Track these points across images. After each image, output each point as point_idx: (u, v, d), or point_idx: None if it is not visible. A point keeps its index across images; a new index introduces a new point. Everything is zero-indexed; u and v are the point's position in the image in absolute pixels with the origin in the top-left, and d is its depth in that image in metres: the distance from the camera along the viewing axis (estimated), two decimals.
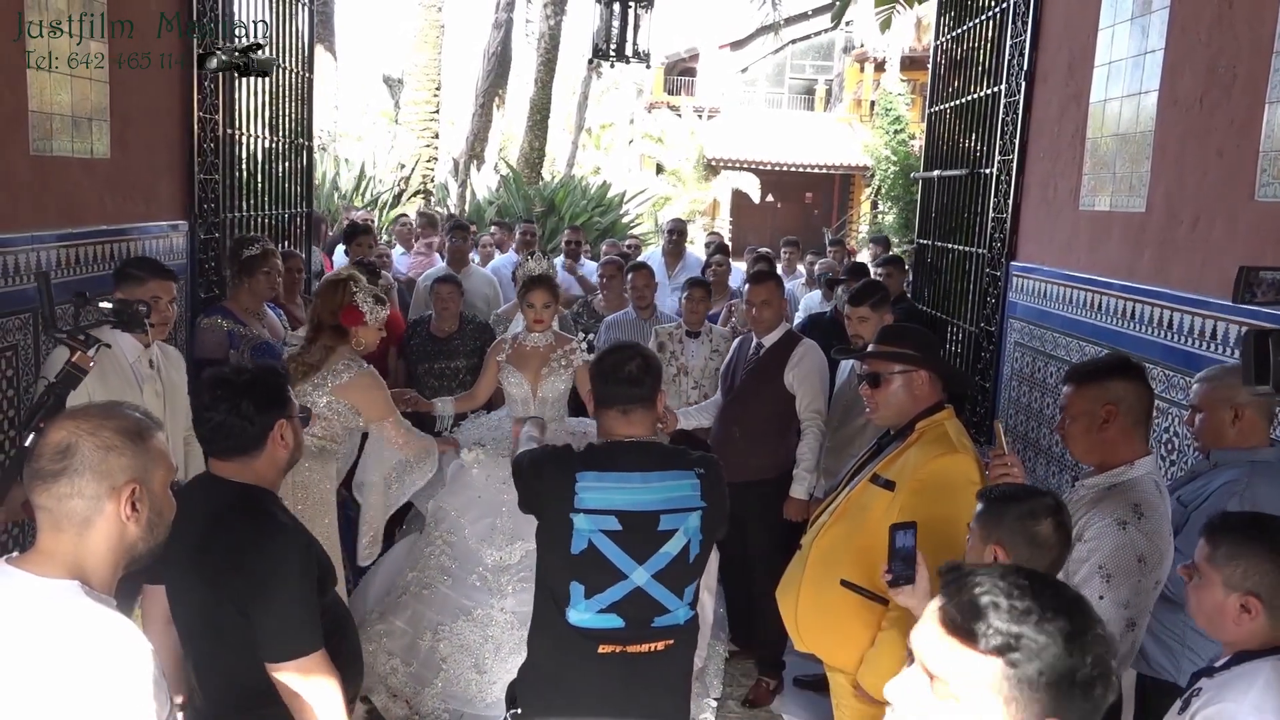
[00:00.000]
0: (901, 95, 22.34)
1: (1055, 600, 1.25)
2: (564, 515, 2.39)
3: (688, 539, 2.46)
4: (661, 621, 2.45)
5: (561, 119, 23.44)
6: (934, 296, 6.27)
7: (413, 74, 15.32)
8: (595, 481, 2.42)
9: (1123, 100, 4.04)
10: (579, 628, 2.41)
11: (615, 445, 2.54)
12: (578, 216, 13.04)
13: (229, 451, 2.21)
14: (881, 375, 2.90)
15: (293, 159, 6.33)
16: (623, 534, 2.40)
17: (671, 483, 2.47)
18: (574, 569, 2.40)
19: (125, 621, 1.56)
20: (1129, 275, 3.91)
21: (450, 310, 5.52)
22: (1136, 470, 2.49)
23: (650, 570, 2.41)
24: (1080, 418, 2.56)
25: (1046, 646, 1.21)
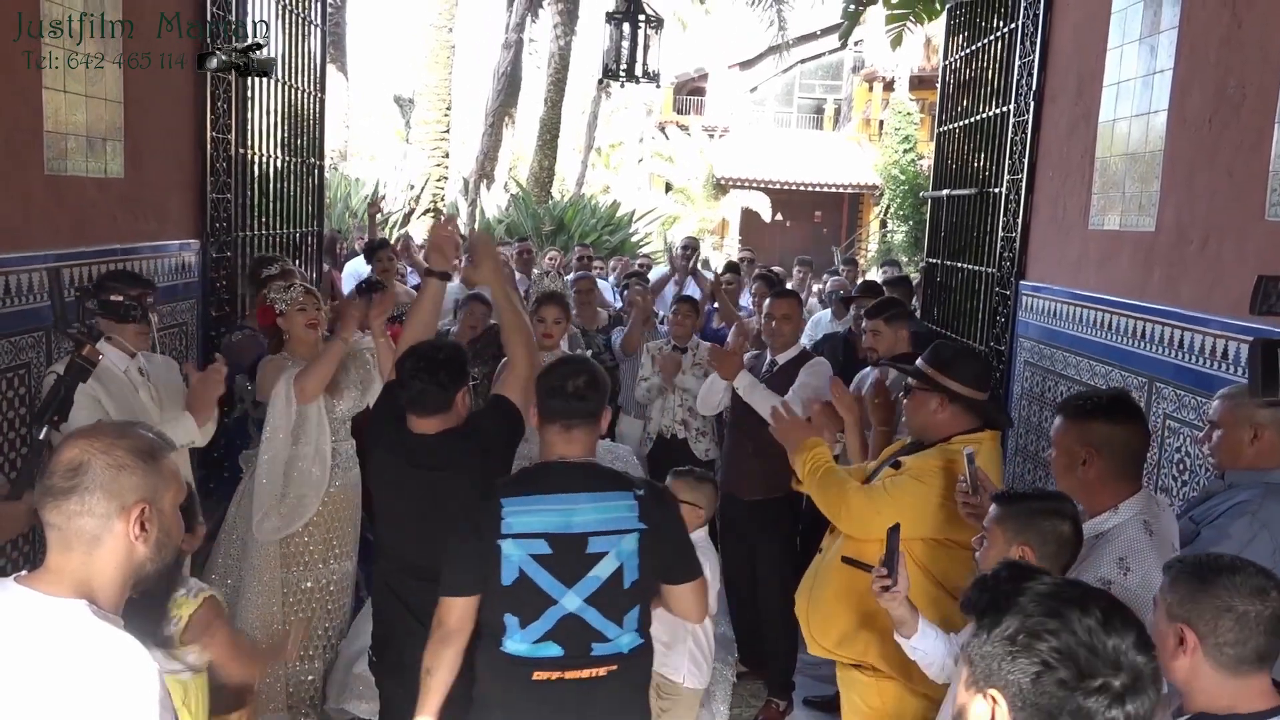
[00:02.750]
0: (910, 115, 22.41)
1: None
2: (492, 544, 2.33)
3: (620, 562, 2.38)
4: (602, 649, 2.38)
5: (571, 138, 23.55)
6: (944, 315, 6.26)
7: (423, 94, 15.45)
8: (521, 505, 2.36)
9: (1132, 120, 4.05)
10: (513, 655, 2.36)
11: (545, 467, 2.48)
12: (587, 235, 13.08)
13: (431, 410, 2.82)
14: (911, 388, 2.98)
15: (304, 178, 6.37)
16: (551, 557, 2.34)
17: (604, 504, 2.39)
18: (507, 602, 2.35)
19: (133, 641, 1.56)
20: (1139, 294, 3.90)
21: (478, 328, 5.54)
22: (1121, 514, 2.39)
23: (581, 595, 2.35)
24: (1062, 455, 2.50)
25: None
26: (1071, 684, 1.22)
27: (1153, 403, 3.70)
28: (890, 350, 4.24)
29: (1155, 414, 3.67)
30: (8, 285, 3.49)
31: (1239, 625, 1.74)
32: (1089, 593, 1.31)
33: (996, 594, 1.31)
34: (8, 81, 3.48)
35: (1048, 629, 1.24)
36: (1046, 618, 1.25)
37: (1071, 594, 1.29)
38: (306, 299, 3.95)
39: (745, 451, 4.43)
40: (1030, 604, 1.27)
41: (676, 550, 2.53)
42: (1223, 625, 1.74)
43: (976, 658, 1.30)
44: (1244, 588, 1.75)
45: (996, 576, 1.36)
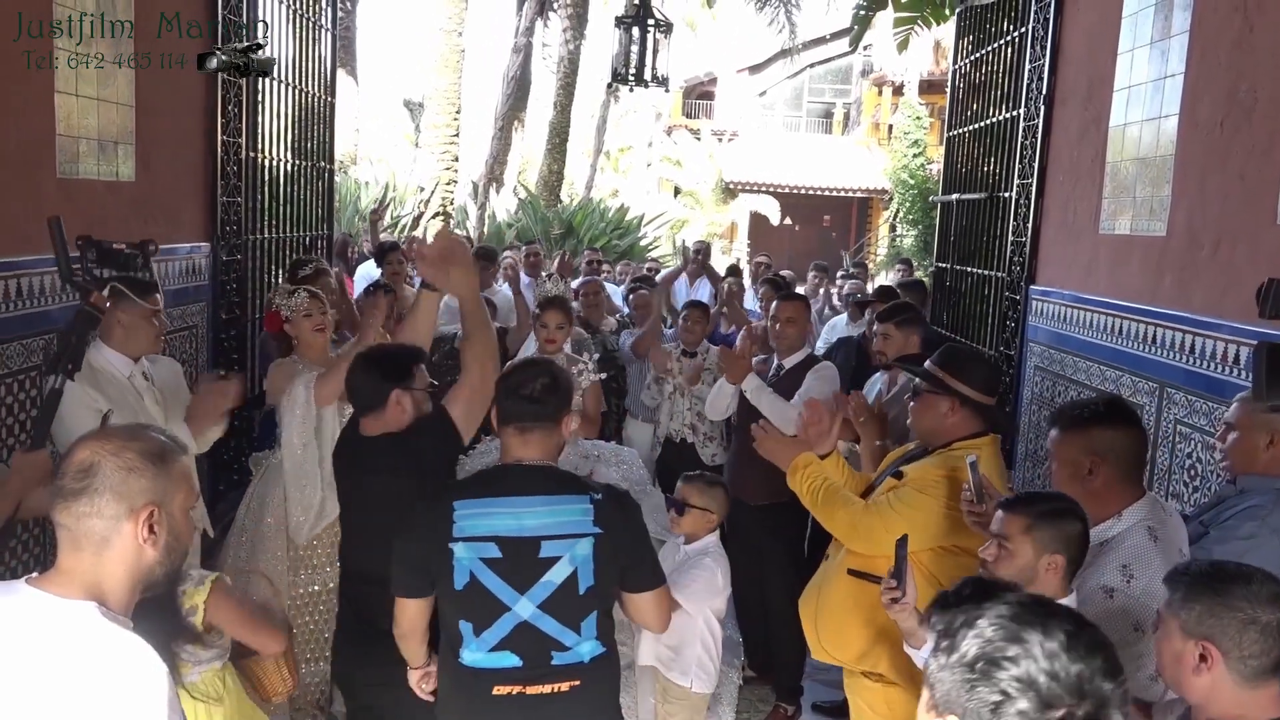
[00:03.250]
0: (919, 119, 22.38)
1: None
2: (443, 547, 2.30)
3: (574, 567, 2.31)
4: (562, 659, 2.33)
5: (580, 142, 23.59)
6: (953, 320, 6.25)
7: (433, 98, 15.48)
8: (473, 509, 2.32)
9: (1142, 124, 4.03)
10: (472, 668, 2.32)
11: (501, 470, 2.45)
12: (596, 239, 13.10)
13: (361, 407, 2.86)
14: (920, 390, 2.96)
15: (314, 181, 6.39)
16: (502, 561, 2.29)
17: (558, 507, 2.34)
18: (460, 606, 2.32)
19: (141, 643, 1.57)
20: (1150, 299, 3.89)
21: None
22: (1125, 520, 2.38)
23: (534, 601, 2.29)
24: (1065, 466, 2.47)
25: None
26: (1033, 715, 1.16)
27: (1163, 408, 3.68)
28: (900, 355, 4.23)
29: (1166, 419, 3.65)
30: (19, 288, 3.51)
31: (1264, 636, 1.71)
32: (1053, 613, 1.25)
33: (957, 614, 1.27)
34: (21, 86, 3.50)
35: (1007, 656, 1.19)
36: (1006, 643, 1.20)
37: (1033, 616, 1.23)
38: (312, 304, 3.96)
39: (752, 456, 4.41)
40: (990, 628, 1.22)
41: (635, 557, 2.43)
42: (1248, 638, 1.71)
43: (936, 681, 1.25)
44: (1262, 596, 1.73)
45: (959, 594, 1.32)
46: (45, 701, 1.48)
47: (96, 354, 3.34)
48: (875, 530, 2.79)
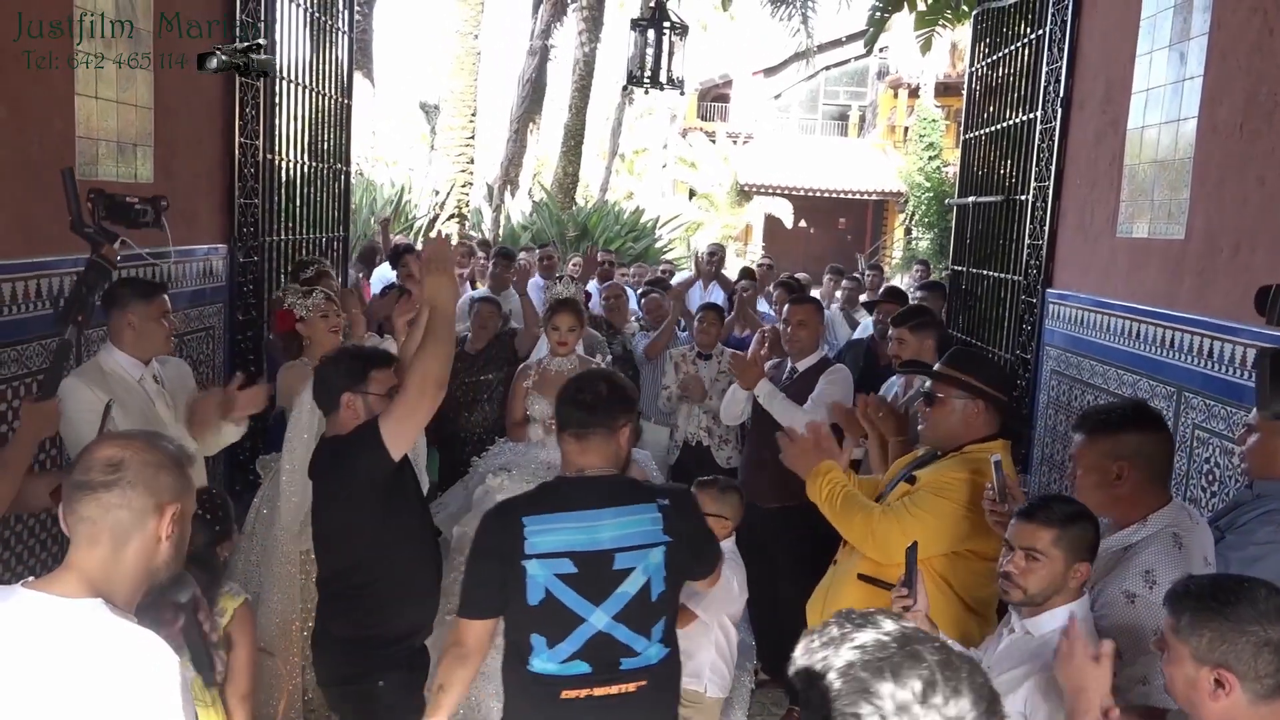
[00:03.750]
0: (936, 121, 22.32)
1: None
2: (516, 564, 2.28)
3: (648, 577, 2.34)
4: (630, 664, 2.35)
5: (595, 144, 23.62)
6: (969, 323, 6.22)
7: (449, 100, 15.51)
8: (544, 524, 2.30)
9: (1160, 127, 4.01)
10: (541, 674, 2.32)
11: (564, 483, 2.43)
12: (611, 241, 13.10)
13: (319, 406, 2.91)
14: (936, 396, 2.92)
15: (330, 183, 6.42)
16: (577, 576, 2.29)
17: (628, 518, 2.35)
18: (533, 621, 2.31)
19: (152, 635, 1.58)
20: (1168, 303, 3.86)
21: (487, 330, 5.58)
22: (1151, 526, 2.34)
23: (609, 612, 2.31)
24: (1091, 472, 2.43)
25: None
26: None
27: (1181, 412, 3.66)
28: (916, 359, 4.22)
29: (1184, 424, 3.63)
30: (39, 288, 3.54)
31: (1278, 655, 1.70)
32: (909, 655, 1.12)
33: (813, 657, 1.16)
34: (42, 89, 3.53)
35: (876, 678, 1.09)
36: (881, 661, 1.10)
37: (885, 662, 1.11)
38: (328, 305, 3.98)
39: (764, 459, 4.42)
40: (839, 681, 1.12)
41: (701, 554, 2.55)
42: (1262, 660, 1.70)
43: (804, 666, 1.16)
44: (1270, 613, 1.71)
45: (823, 632, 1.18)
46: (63, 703, 1.48)
47: (107, 357, 3.33)
48: (890, 535, 2.77)
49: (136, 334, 3.35)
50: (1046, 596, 2.22)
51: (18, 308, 3.45)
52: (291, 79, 5.64)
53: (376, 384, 2.82)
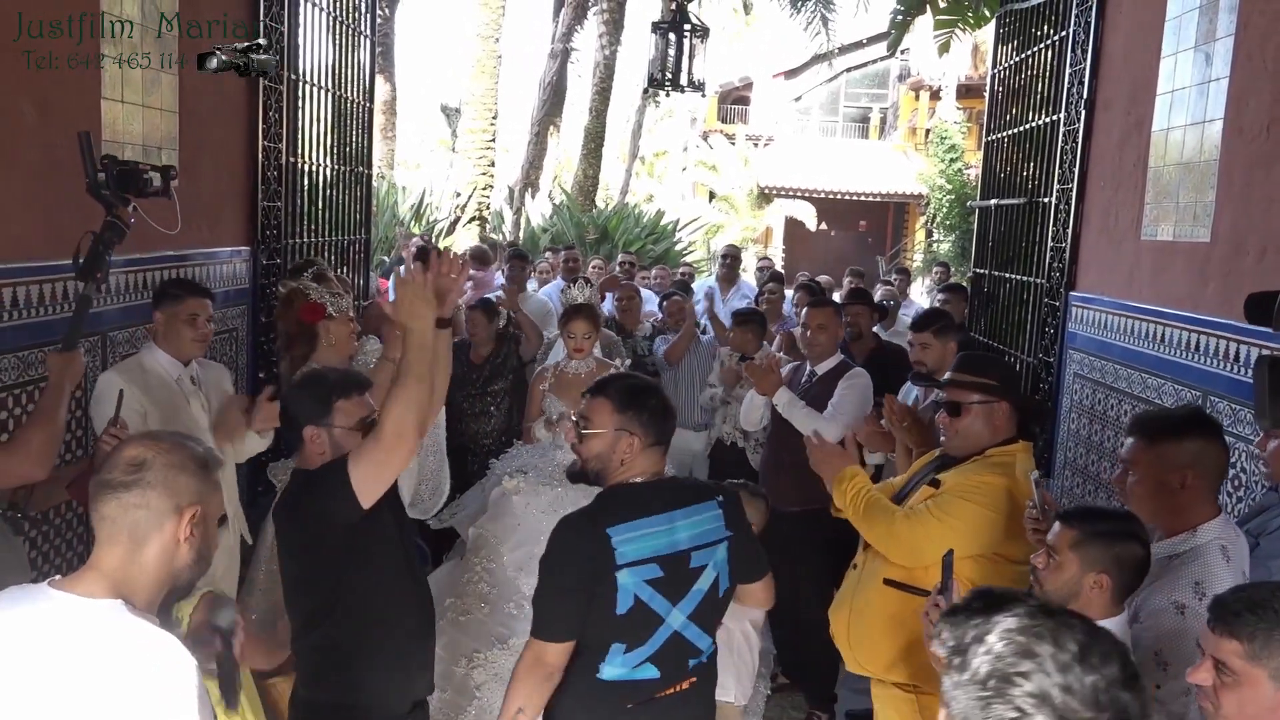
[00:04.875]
0: (957, 123, 22.20)
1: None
2: (609, 576, 2.25)
3: (717, 572, 2.38)
4: (693, 663, 2.39)
5: (616, 147, 23.65)
6: (990, 326, 6.19)
7: (470, 103, 15.56)
8: (630, 532, 2.28)
9: (1186, 129, 3.97)
10: (611, 682, 2.30)
11: (632, 489, 2.37)
12: (631, 244, 13.09)
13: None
14: (961, 405, 2.88)
15: (352, 186, 6.45)
16: (663, 579, 2.29)
17: (697, 517, 2.37)
18: (618, 629, 2.28)
19: (169, 637, 1.59)
20: (1193, 306, 3.83)
21: (479, 336, 5.55)
22: (1200, 536, 2.29)
23: (684, 611, 2.33)
24: (1149, 478, 2.35)
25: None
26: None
27: None
28: (939, 364, 4.19)
29: None
30: (65, 291, 3.57)
31: None
32: (1064, 624, 1.19)
33: (966, 628, 1.22)
34: (69, 92, 3.56)
35: (1019, 671, 1.14)
36: (1018, 658, 1.15)
37: (1044, 628, 1.18)
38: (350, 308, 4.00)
39: (784, 462, 4.41)
40: (1000, 643, 1.18)
41: (755, 551, 2.56)
42: None
43: (951, 699, 1.20)
44: None
45: (968, 607, 1.25)
46: (79, 702, 1.49)
47: (148, 354, 3.46)
48: (915, 539, 2.76)
49: (165, 333, 3.44)
50: (1062, 600, 2.16)
51: (44, 310, 3.49)
52: (314, 82, 5.67)
53: (342, 415, 2.55)
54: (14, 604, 1.58)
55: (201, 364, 3.65)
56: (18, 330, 3.36)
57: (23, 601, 1.58)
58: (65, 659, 1.51)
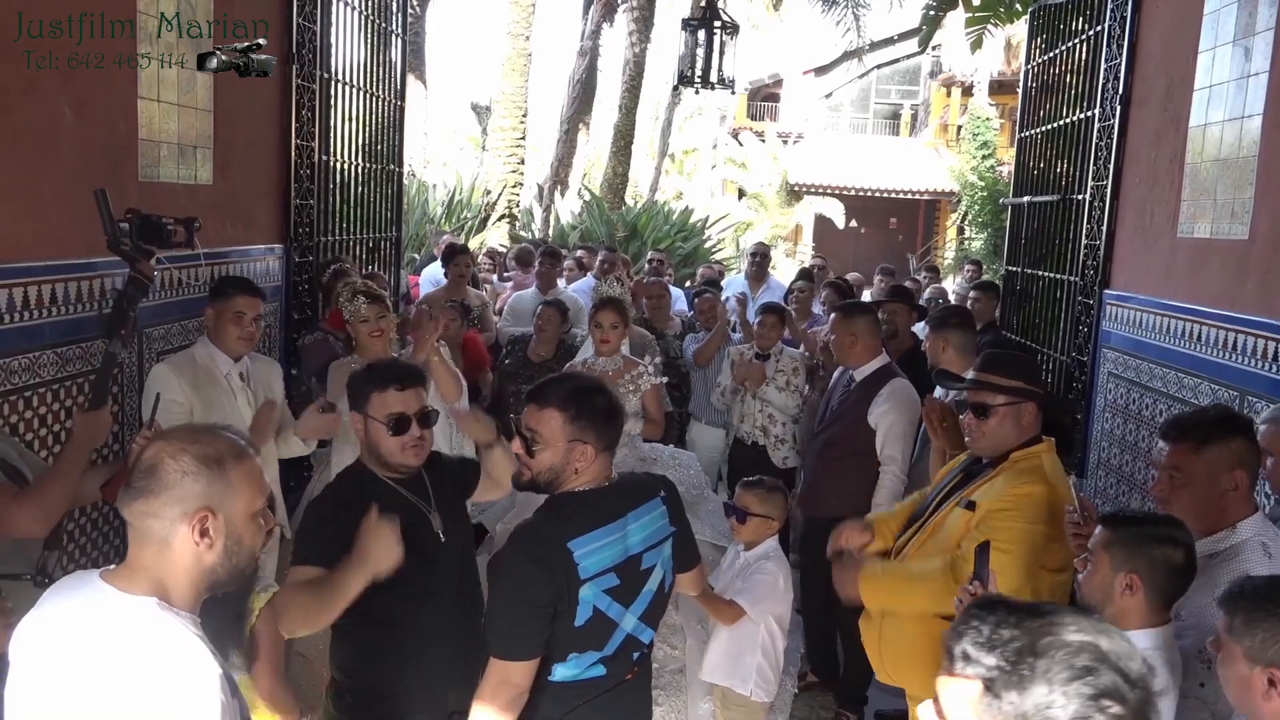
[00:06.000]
0: (989, 120, 22.00)
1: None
2: (574, 594, 2.17)
3: (664, 571, 2.36)
4: (636, 655, 2.38)
5: (645, 144, 23.64)
6: (1023, 324, 6.13)
7: (500, 101, 15.61)
8: (589, 545, 2.20)
9: (1224, 124, 3.92)
10: (560, 683, 2.25)
11: (590, 495, 2.27)
12: (660, 241, 13.08)
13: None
14: (989, 406, 2.82)
15: (384, 184, 6.50)
16: (620, 587, 2.25)
17: (646, 518, 2.33)
18: (576, 640, 2.23)
19: (196, 642, 1.60)
20: (1230, 305, 3.77)
21: (546, 334, 5.53)
22: (1240, 534, 2.29)
23: (636, 613, 2.30)
24: (1200, 482, 2.33)
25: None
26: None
27: None
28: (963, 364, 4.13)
29: None
30: (101, 287, 3.63)
31: None
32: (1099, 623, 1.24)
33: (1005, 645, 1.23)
34: (106, 92, 3.61)
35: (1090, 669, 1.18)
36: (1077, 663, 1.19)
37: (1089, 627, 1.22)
38: (370, 310, 4.01)
39: (822, 470, 4.37)
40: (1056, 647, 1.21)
41: (691, 540, 2.54)
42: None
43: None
44: None
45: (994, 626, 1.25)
46: (100, 691, 1.52)
47: (201, 348, 3.55)
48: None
49: (215, 329, 3.52)
50: (1097, 604, 2.16)
51: (81, 306, 3.54)
52: (346, 81, 5.71)
53: (375, 406, 2.59)
54: (70, 592, 1.64)
55: (254, 359, 3.71)
56: (56, 326, 3.41)
57: (77, 590, 1.63)
58: (95, 648, 1.55)
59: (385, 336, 4.08)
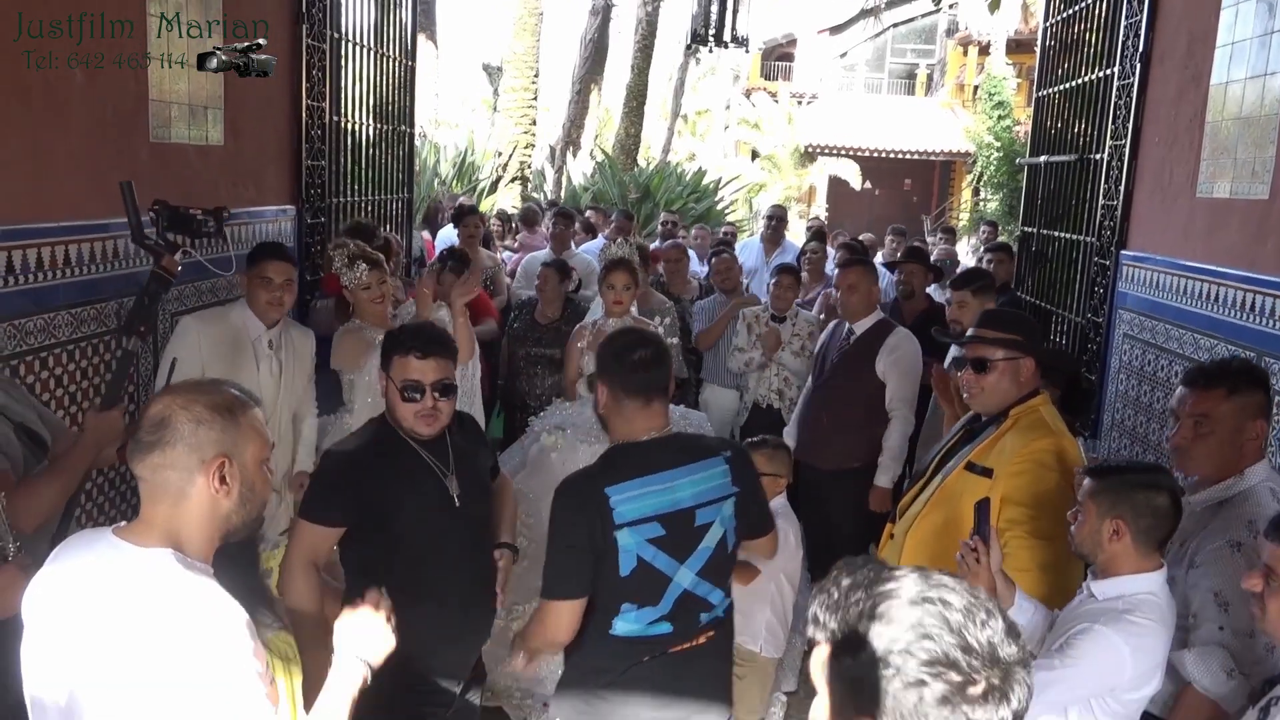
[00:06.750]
0: (1007, 79, 21.73)
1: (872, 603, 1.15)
2: (607, 538, 2.25)
3: (724, 529, 2.38)
4: (706, 617, 2.39)
5: (657, 105, 23.43)
6: (1038, 285, 6.09)
7: (511, 62, 15.51)
8: (628, 492, 2.27)
9: (1246, 82, 3.85)
10: (624, 638, 2.32)
11: (635, 448, 2.37)
12: (673, 203, 13.02)
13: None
14: (987, 361, 2.84)
15: (395, 145, 6.47)
16: (666, 538, 2.29)
17: (701, 474, 2.36)
18: (625, 590, 2.29)
19: (217, 587, 1.62)
20: (1249, 265, 3.73)
21: (547, 294, 5.55)
22: (1249, 479, 2.37)
23: (693, 569, 2.33)
24: (1222, 429, 2.41)
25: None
26: (953, 698, 1.07)
27: None
28: None
29: None
30: (115, 249, 3.63)
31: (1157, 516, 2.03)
32: (943, 584, 1.14)
33: (847, 605, 1.16)
34: (116, 53, 3.59)
35: (926, 634, 1.09)
36: (914, 627, 1.10)
37: (932, 592, 1.13)
38: (370, 276, 3.98)
39: (822, 423, 4.39)
40: (896, 609, 1.13)
41: (760, 505, 2.55)
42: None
43: (844, 682, 1.15)
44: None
45: (843, 590, 1.18)
46: (125, 644, 1.54)
47: (237, 310, 3.59)
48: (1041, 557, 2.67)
49: (248, 294, 3.59)
50: (1089, 553, 2.26)
51: (95, 267, 3.55)
52: (356, 41, 5.67)
53: (395, 368, 2.62)
54: (84, 549, 1.65)
55: (289, 325, 3.72)
56: (70, 287, 3.42)
57: (91, 547, 1.65)
58: (115, 602, 1.57)
59: (386, 302, 4.06)
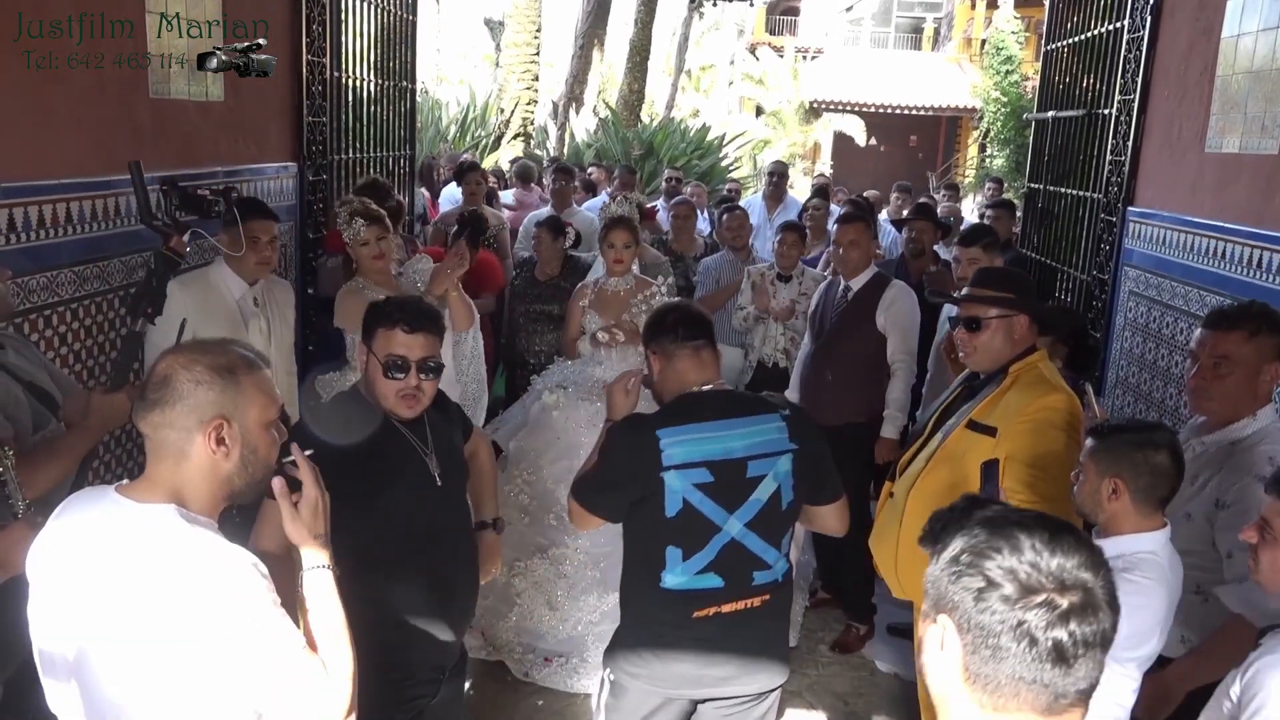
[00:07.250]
0: (1014, 33, 21.46)
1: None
2: (654, 477, 2.31)
3: (778, 484, 2.38)
4: (762, 578, 2.40)
5: (661, 61, 23.22)
6: (1044, 243, 6.06)
7: (513, 16, 15.33)
8: (679, 435, 2.33)
9: (1258, 35, 3.80)
10: (675, 591, 2.35)
11: (690, 398, 2.45)
12: (676, 159, 12.94)
13: None
14: (980, 319, 2.85)
15: (396, 102, 6.41)
16: (714, 484, 2.33)
17: (755, 427, 2.39)
18: (670, 533, 2.33)
19: (223, 540, 1.63)
20: (1258, 221, 3.71)
21: (542, 253, 5.54)
22: (1260, 420, 2.46)
23: (742, 519, 2.34)
24: (1243, 370, 2.49)
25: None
26: (1014, 599, 1.16)
27: None
28: None
29: None
30: (118, 206, 3.62)
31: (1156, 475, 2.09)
32: (1038, 516, 1.26)
33: (948, 523, 1.28)
34: (114, 9, 3.55)
35: (993, 548, 1.20)
36: (992, 537, 1.22)
37: (1018, 517, 1.25)
38: (369, 232, 3.91)
39: (824, 379, 4.40)
40: (977, 527, 1.25)
41: (825, 470, 2.52)
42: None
43: (928, 586, 1.26)
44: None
45: (952, 508, 1.31)
46: (130, 598, 1.56)
47: (215, 270, 3.53)
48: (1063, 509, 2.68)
49: (227, 253, 3.49)
50: (1090, 512, 2.28)
51: (98, 225, 3.54)
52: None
53: (379, 342, 2.50)
54: (86, 506, 1.67)
55: (270, 284, 3.69)
56: (74, 245, 3.42)
57: (93, 504, 1.66)
58: (120, 559, 1.58)
59: (387, 259, 4.02)
